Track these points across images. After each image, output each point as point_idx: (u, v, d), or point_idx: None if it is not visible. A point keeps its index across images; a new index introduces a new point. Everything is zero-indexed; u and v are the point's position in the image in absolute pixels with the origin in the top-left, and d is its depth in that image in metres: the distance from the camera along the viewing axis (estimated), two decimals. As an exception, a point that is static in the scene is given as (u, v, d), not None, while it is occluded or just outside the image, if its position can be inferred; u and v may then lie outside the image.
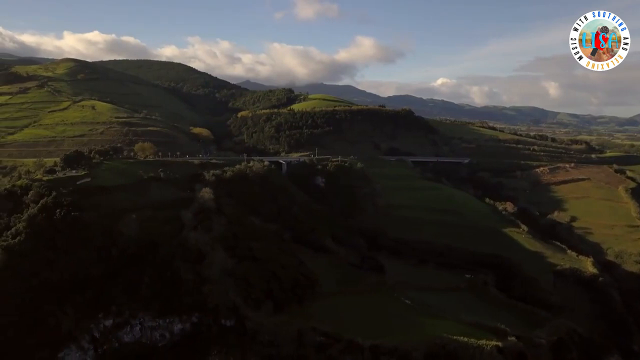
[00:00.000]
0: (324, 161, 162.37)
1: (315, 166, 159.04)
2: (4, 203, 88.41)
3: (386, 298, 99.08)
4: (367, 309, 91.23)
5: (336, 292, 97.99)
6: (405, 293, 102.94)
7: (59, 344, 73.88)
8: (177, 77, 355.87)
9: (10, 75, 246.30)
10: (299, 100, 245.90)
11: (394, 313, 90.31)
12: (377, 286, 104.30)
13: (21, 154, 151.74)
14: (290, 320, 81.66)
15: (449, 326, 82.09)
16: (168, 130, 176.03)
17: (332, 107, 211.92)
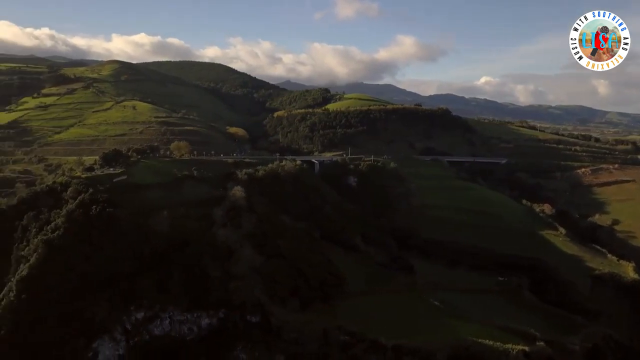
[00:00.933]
0: (357, 161, 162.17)
1: (347, 166, 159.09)
2: (45, 199, 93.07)
3: (415, 299, 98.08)
4: (395, 309, 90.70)
5: (364, 291, 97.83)
6: (435, 294, 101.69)
7: (94, 334, 76.93)
8: (216, 78, 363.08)
9: (59, 77, 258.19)
10: (335, 100, 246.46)
11: (421, 314, 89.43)
12: (406, 286, 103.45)
13: (66, 152, 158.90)
14: (315, 318, 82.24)
15: (476, 329, 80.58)
16: (204, 130, 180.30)
17: (367, 107, 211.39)
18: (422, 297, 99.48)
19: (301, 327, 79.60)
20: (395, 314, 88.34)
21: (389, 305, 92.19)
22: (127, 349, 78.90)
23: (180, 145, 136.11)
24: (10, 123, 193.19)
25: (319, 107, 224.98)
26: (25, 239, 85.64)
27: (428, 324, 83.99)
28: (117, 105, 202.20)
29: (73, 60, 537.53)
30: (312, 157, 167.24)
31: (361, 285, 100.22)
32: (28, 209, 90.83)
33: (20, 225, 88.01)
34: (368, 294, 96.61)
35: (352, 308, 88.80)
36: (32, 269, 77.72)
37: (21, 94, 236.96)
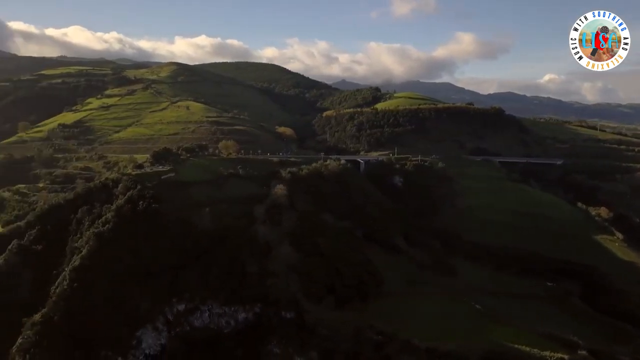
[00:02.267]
0: (403, 160, 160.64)
1: (393, 165, 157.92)
2: (98, 194, 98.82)
3: (454, 302, 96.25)
4: (432, 311, 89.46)
5: (402, 292, 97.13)
6: (477, 298, 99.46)
7: (137, 324, 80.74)
8: (270, 78, 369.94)
9: (121, 78, 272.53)
10: (385, 99, 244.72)
11: (460, 317, 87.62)
12: (447, 289, 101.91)
13: (124, 150, 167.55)
14: (349, 316, 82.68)
15: (515, 334, 78.32)
16: (253, 129, 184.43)
17: (416, 106, 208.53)
18: (463, 300, 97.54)
19: (335, 324, 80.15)
20: (432, 316, 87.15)
21: (427, 307, 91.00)
22: (168, 339, 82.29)
23: (228, 144, 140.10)
24: (75, 123, 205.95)
25: (368, 107, 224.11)
26: (79, 232, 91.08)
27: (465, 327, 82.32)
28: (172, 105, 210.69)
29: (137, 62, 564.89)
30: (357, 157, 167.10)
31: (400, 286, 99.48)
32: (83, 204, 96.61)
33: (75, 219, 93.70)
34: (406, 295, 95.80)
35: (388, 308, 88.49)
36: (84, 260, 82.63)
37: (87, 94, 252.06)
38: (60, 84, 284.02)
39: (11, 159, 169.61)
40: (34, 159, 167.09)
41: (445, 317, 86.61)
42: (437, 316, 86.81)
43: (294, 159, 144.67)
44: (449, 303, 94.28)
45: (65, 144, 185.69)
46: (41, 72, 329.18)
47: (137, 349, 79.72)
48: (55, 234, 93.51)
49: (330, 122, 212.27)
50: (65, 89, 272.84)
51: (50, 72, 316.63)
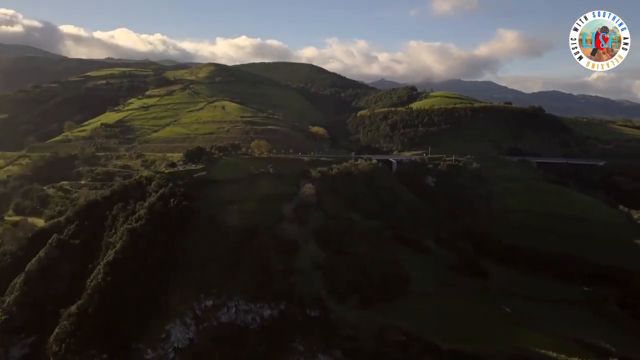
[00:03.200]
0: (437, 160, 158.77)
1: (426, 165, 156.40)
2: (133, 192, 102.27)
3: (484, 304, 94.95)
4: (460, 313, 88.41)
5: (429, 293, 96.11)
6: (508, 301, 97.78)
7: (167, 318, 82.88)
8: (306, 78, 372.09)
9: (161, 79, 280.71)
10: (421, 98, 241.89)
11: (488, 320, 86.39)
12: (477, 292, 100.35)
13: (161, 149, 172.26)
14: (374, 316, 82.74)
15: (544, 339, 76.57)
16: (286, 129, 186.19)
17: (452, 105, 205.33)
18: (492, 302, 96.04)
19: (359, 324, 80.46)
20: (458, 318, 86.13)
21: (453, 308, 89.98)
22: (196, 333, 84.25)
23: (260, 143, 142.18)
24: (116, 122, 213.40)
25: (403, 106, 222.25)
26: (113, 227, 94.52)
27: (492, 330, 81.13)
28: (209, 105, 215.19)
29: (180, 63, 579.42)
30: (390, 156, 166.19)
31: (428, 287, 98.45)
32: (118, 200, 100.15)
33: (110, 215, 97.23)
34: (433, 296, 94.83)
35: (414, 309, 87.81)
36: (117, 255, 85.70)
37: (129, 95, 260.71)
38: (104, 85, 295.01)
39: (56, 157, 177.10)
40: (78, 157, 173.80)
41: (472, 319, 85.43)
42: (464, 318, 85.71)
43: (325, 159, 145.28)
44: (477, 305, 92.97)
45: (106, 142, 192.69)
46: (87, 73, 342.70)
47: (166, 342, 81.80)
48: (92, 229, 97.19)
49: (364, 122, 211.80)
50: (109, 90, 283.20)
51: (95, 74, 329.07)
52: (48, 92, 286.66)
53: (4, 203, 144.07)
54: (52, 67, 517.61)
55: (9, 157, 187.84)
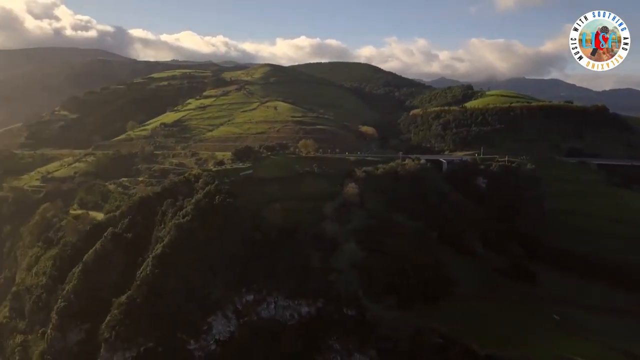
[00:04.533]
0: (489, 161, 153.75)
1: (477, 166, 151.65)
2: (182, 188, 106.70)
3: (530, 310, 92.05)
4: (503, 318, 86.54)
5: (473, 296, 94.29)
6: (557, 308, 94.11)
7: (209, 310, 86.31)
8: (361, 77, 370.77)
9: (218, 80, 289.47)
10: (476, 97, 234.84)
11: (532, 326, 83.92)
12: (523, 297, 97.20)
13: (215, 147, 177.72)
14: (411, 317, 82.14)
15: (591, 349, 73.52)
16: (334, 129, 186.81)
17: (508, 104, 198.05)
18: (540, 309, 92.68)
19: (395, 324, 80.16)
20: (501, 323, 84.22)
21: (497, 313, 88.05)
22: (237, 327, 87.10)
23: (307, 143, 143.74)
24: (174, 122, 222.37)
25: (458, 105, 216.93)
26: (163, 222, 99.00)
27: (535, 337, 78.68)
28: (262, 105, 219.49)
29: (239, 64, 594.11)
30: (440, 156, 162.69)
31: (471, 290, 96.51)
32: (168, 197, 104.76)
33: (160, 210, 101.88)
34: (476, 300, 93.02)
35: (454, 312, 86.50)
36: (165, 248, 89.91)
37: (188, 96, 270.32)
38: (166, 86, 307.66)
39: (118, 154, 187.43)
40: (137, 155, 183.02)
41: (515, 325, 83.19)
42: (506, 323, 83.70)
43: (371, 158, 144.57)
44: (522, 310, 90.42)
45: (164, 141, 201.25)
46: (151, 75, 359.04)
47: (208, 334, 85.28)
48: (144, 223, 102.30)
49: (416, 121, 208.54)
50: (170, 91, 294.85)
51: (158, 76, 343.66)
52: (114, 94, 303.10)
53: (70, 197, 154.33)
54: (121, 69, 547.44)
55: (77, 155, 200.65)
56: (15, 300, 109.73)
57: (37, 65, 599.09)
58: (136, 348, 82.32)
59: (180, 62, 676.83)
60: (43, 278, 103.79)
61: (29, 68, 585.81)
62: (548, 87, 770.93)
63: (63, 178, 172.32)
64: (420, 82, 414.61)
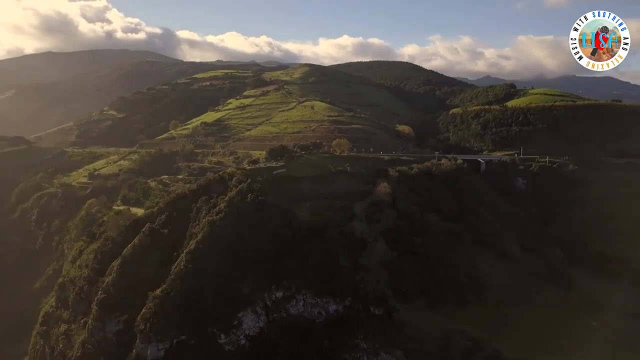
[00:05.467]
0: (529, 161, 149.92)
1: (516, 166, 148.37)
2: (216, 186, 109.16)
3: (566, 316, 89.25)
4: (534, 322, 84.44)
5: (505, 300, 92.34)
6: (597, 315, 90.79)
7: (239, 306, 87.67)
8: (401, 76, 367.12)
9: (258, 80, 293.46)
10: (519, 96, 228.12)
11: (566, 333, 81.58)
12: (560, 302, 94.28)
13: (252, 147, 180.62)
14: (440, 318, 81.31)
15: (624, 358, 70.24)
16: (370, 128, 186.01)
17: (551, 103, 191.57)
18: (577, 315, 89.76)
19: (423, 325, 79.63)
20: (532, 328, 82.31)
21: (528, 318, 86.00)
22: (266, 323, 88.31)
23: (342, 142, 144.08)
24: (215, 121, 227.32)
25: (499, 104, 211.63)
26: (197, 219, 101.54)
27: (568, 343, 76.35)
28: (299, 105, 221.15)
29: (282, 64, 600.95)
30: (478, 156, 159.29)
31: (504, 294, 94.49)
32: (203, 194, 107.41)
33: (195, 207, 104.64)
34: (509, 304, 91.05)
35: (485, 315, 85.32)
36: (198, 244, 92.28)
37: (229, 96, 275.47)
38: (208, 87, 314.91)
39: (161, 153, 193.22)
40: (178, 153, 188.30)
41: (549, 331, 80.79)
42: (540, 329, 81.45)
43: (406, 158, 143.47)
44: (557, 316, 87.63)
45: (205, 140, 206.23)
46: (194, 76, 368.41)
47: (238, 329, 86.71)
48: (179, 219, 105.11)
49: (455, 120, 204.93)
50: (212, 91, 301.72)
51: (201, 76, 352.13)
52: (159, 94, 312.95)
53: (114, 194, 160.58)
54: (167, 70, 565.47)
55: (122, 153, 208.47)
56: (60, 291, 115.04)
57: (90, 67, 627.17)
58: (169, 340, 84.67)
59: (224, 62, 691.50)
60: (85, 270, 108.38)
61: (83, 70, 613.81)
62: (600, 84, 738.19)
63: (108, 175, 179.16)
64: (463, 81, 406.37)
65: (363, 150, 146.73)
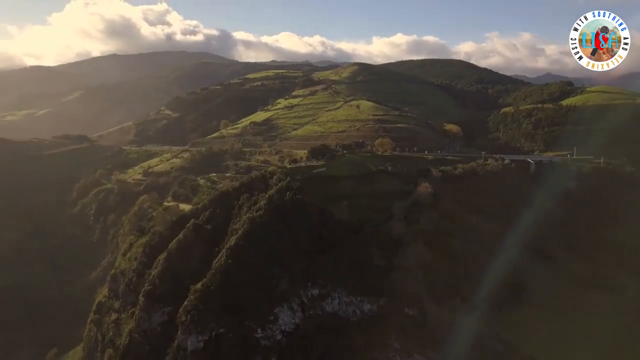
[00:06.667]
0: (582, 162, 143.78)
1: (568, 167, 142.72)
2: (258, 184, 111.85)
3: (613, 325, 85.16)
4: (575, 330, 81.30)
5: (546, 305, 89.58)
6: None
7: (276, 302, 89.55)
8: (454, 74, 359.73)
9: (307, 80, 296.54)
10: (576, 94, 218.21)
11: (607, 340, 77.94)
12: (607, 310, 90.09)
13: (298, 146, 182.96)
14: (474, 321, 80.00)
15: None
16: (415, 127, 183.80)
17: (608, 101, 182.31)
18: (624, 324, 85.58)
19: (457, 327, 78.52)
20: (571, 334, 79.60)
21: (570, 325, 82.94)
22: (302, 319, 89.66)
23: (384, 141, 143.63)
24: (264, 121, 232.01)
25: (554, 103, 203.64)
26: (238, 215, 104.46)
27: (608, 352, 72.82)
28: (345, 104, 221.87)
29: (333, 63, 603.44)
30: (528, 157, 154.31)
31: (546, 299, 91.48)
32: (245, 192, 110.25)
33: (237, 204, 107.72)
34: (551, 309, 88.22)
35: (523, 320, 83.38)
36: (238, 240, 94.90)
37: (279, 95, 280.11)
38: (259, 87, 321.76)
39: (211, 151, 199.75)
40: (227, 152, 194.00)
41: (587, 337, 78.00)
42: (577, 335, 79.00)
43: (451, 157, 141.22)
44: (601, 324, 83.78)
45: (253, 139, 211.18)
46: (246, 76, 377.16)
47: (274, 324, 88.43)
48: (222, 216, 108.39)
49: (506, 119, 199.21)
50: (262, 91, 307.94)
51: (253, 76, 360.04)
52: (212, 94, 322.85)
53: (166, 190, 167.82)
54: (222, 70, 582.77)
55: (175, 151, 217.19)
56: (112, 282, 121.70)
57: (151, 69, 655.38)
58: (208, 332, 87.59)
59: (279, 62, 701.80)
60: (134, 263, 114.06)
61: (145, 71, 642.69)
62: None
63: (161, 172, 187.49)
64: (520, 79, 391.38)
65: (407, 150, 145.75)
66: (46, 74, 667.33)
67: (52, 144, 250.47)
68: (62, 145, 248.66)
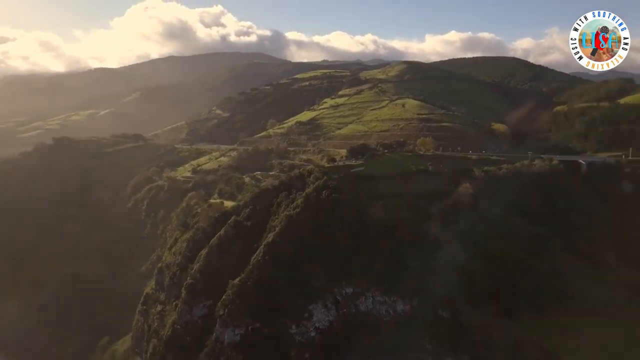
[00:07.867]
0: (638, 163, 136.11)
1: (623, 168, 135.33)
2: (296, 183, 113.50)
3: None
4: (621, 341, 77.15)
5: (592, 313, 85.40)
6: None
7: (310, 299, 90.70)
8: (506, 72, 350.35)
9: (354, 80, 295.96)
10: (636, 92, 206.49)
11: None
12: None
13: (340, 145, 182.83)
14: (511, 326, 77.95)
15: None
16: (461, 126, 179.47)
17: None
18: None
19: (492, 331, 76.92)
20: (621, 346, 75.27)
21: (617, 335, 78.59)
22: (336, 317, 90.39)
23: (426, 141, 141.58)
24: (309, 120, 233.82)
25: (611, 101, 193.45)
26: (277, 213, 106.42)
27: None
28: (391, 103, 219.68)
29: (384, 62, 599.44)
30: (579, 157, 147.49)
31: (591, 305, 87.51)
32: (284, 190, 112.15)
33: (276, 202, 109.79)
34: (595, 317, 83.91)
35: (564, 327, 79.80)
36: (275, 237, 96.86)
37: (326, 95, 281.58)
38: (307, 86, 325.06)
39: (257, 150, 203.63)
40: (273, 151, 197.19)
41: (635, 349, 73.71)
42: (623, 346, 74.53)
43: (496, 157, 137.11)
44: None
45: (298, 139, 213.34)
46: (295, 76, 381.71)
47: (308, 321, 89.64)
48: (261, 213, 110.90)
49: (558, 118, 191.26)
50: (310, 91, 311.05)
51: (301, 76, 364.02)
52: (261, 94, 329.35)
53: (212, 188, 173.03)
54: (273, 70, 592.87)
55: (223, 150, 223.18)
56: (159, 275, 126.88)
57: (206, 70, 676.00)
58: (244, 326, 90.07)
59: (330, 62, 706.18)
60: (179, 257, 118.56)
61: (200, 72, 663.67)
62: None
63: (209, 170, 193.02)
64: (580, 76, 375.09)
65: (450, 149, 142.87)
66: (109, 75, 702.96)
67: (110, 143, 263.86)
68: (119, 143, 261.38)
